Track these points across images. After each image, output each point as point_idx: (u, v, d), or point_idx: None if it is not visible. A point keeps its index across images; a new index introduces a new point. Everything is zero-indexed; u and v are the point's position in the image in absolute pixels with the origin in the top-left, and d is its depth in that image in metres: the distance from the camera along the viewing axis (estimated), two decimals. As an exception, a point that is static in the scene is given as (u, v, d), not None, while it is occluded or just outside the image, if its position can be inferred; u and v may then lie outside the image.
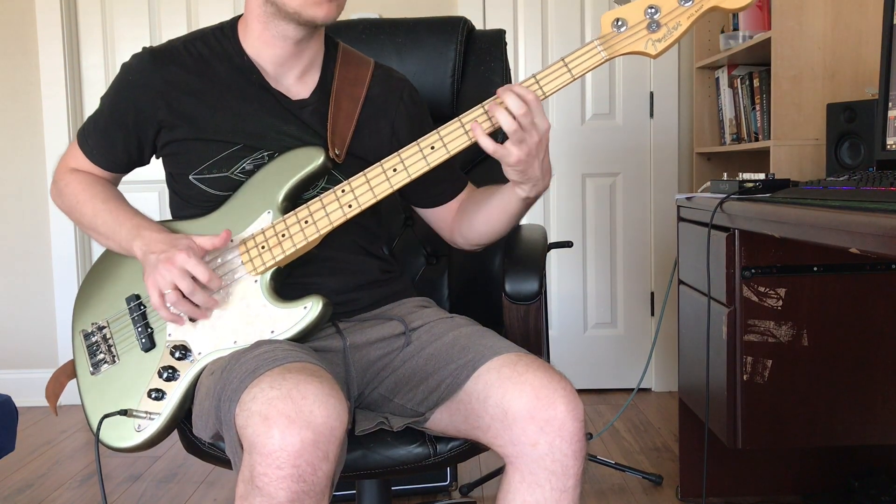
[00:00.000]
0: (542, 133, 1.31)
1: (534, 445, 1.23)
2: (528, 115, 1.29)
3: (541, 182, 1.38)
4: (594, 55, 1.31)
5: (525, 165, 1.33)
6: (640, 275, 3.51)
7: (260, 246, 1.39)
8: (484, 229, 1.53)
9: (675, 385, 3.33)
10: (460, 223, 1.57)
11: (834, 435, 1.99)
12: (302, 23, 1.39)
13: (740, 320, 1.95)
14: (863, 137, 2.07)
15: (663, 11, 1.29)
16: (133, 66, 1.47)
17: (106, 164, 1.53)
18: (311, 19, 1.38)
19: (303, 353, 1.28)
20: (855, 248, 1.29)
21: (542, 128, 1.31)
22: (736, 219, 1.87)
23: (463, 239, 1.58)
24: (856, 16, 2.41)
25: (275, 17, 1.41)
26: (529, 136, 1.30)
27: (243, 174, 1.44)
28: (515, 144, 1.31)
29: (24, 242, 3.55)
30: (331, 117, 1.47)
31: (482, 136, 1.32)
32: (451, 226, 1.59)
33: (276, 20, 1.41)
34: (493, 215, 1.49)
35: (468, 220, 1.54)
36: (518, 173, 1.35)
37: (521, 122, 1.29)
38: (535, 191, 1.39)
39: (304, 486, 1.11)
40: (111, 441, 1.41)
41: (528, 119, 1.29)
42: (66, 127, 3.48)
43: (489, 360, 1.30)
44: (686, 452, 2.35)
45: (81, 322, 1.50)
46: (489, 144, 1.32)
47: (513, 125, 1.30)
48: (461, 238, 1.58)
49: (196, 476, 2.66)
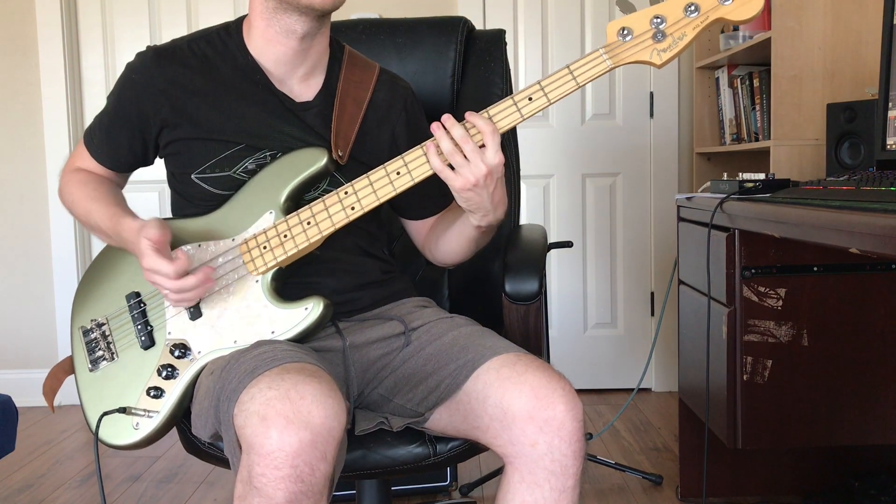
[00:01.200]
0: (491, 166, 1.30)
1: (533, 445, 1.23)
2: (469, 143, 1.29)
3: (491, 213, 1.37)
4: (599, 63, 1.31)
5: (471, 194, 1.33)
6: (640, 275, 3.51)
7: (262, 246, 1.39)
8: (446, 250, 1.55)
9: (675, 385, 3.33)
10: (430, 240, 1.59)
11: (834, 435, 1.99)
12: (303, 11, 1.39)
13: (740, 320, 1.94)
14: (863, 137, 2.07)
15: (669, 22, 1.29)
16: (137, 65, 1.47)
17: (111, 163, 1.54)
18: (309, 5, 1.37)
19: (302, 354, 1.28)
20: (855, 248, 1.29)
21: (491, 161, 1.30)
22: (736, 219, 1.87)
23: (431, 255, 1.60)
24: (856, 16, 2.41)
25: (277, 12, 1.41)
26: (474, 165, 1.30)
27: (245, 173, 1.44)
28: (458, 170, 1.31)
29: (24, 242, 3.55)
30: (335, 119, 1.47)
31: (433, 155, 1.32)
32: (423, 241, 1.62)
33: (279, 14, 1.41)
34: (452, 238, 1.52)
35: (435, 239, 1.57)
36: (464, 200, 1.35)
37: (463, 149, 1.30)
38: (485, 220, 1.39)
39: (303, 487, 1.11)
40: (109, 438, 1.41)
41: (469, 146, 1.29)
42: (66, 127, 3.48)
43: (488, 360, 1.30)
44: (686, 452, 2.35)
45: (80, 319, 1.50)
46: (437, 164, 1.32)
47: (451, 149, 1.30)
48: (430, 255, 1.61)
49: (196, 476, 2.66)
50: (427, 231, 1.60)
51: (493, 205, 1.36)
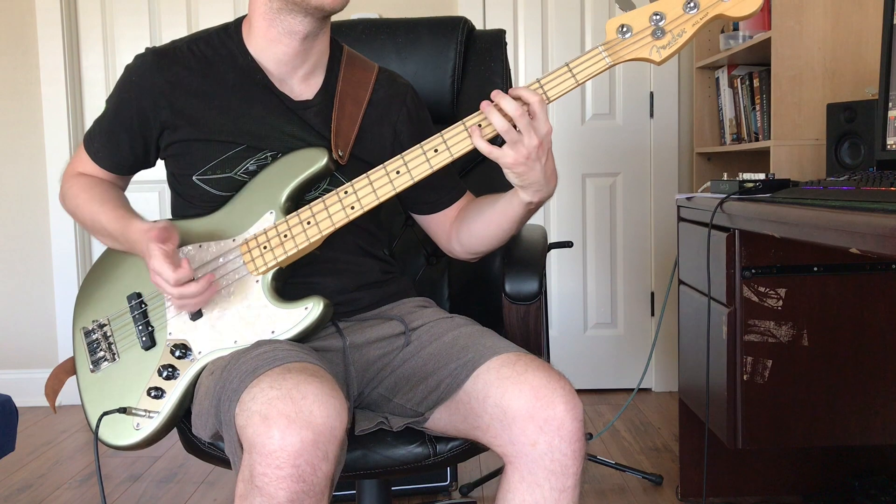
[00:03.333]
0: (542, 136, 1.30)
1: (533, 445, 1.23)
2: (524, 116, 1.28)
3: (545, 187, 1.36)
4: (599, 61, 1.31)
5: (524, 168, 1.31)
6: (640, 275, 3.51)
7: (262, 246, 1.39)
8: (484, 235, 1.51)
9: (675, 385, 3.33)
10: (458, 230, 1.55)
11: (834, 435, 1.99)
12: (310, 12, 1.38)
13: (740, 320, 1.94)
14: (863, 137, 2.07)
15: (668, 18, 1.29)
16: (136, 66, 1.47)
17: (111, 166, 1.53)
18: (318, 6, 1.37)
19: (303, 353, 1.28)
20: (855, 248, 1.29)
21: (542, 131, 1.29)
22: (736, 219, 1.87)
23: (461, 247, 1.56)
24: (856, 16, 2.41)
25: (281, 12, 1.40)
26: (527, 138, 1.29)
27: (247, 174, 1.44)
28: (510, 146, 1.30)
29: (25, 242, 3.55)
30: (335, 119, 1.47)
31: (478, 137, 1.32)
32: (448, 233, 1.58)
33: (283, 15, 1.40)
34: (493, 220, 1.48)
35: (467, 227, 1.53)
36: (517, 176, 1.34)
37: (518, 123, 1.29)
38: (538, 196, 1.37)
39: (304, 486, 1.11)
40: (110, 439, 1.41)
41: (524, 121, 1.28)
42: (66, 127, 3.48)
43: (488, 360, 1.30)
44: (686, 452, 2.35)
45: (82, 319, 1.50)
46: (483, 146, 1.31)
47: (504, 126, 1.29)
48: (459, 246, 1.57)
49: (196, 476, 2.66)
50: (450, 222, 1.57)
51: (546, 178, 1.34)
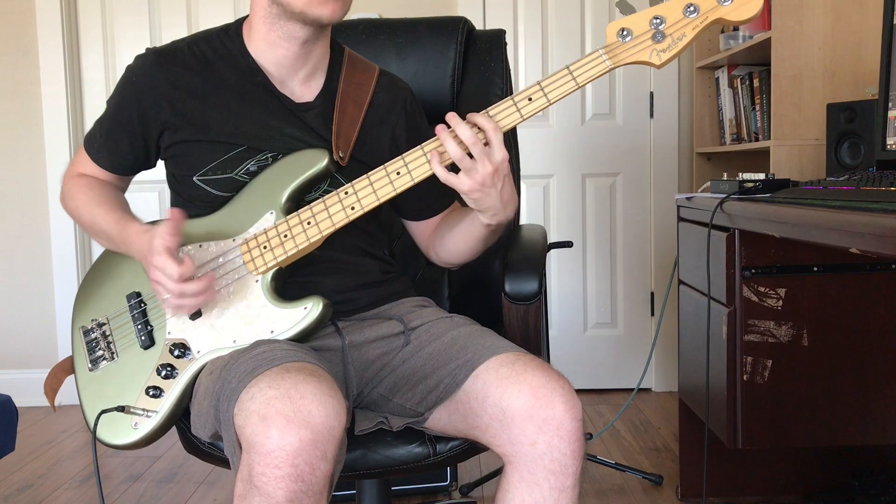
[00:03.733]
0: (497, 164, 1.31)
1: (532, 445, 1.23)
2: (478, 145, 1.30)
3: (501, 212, 1.37)
4: (599, 64, 1.31)
5: (479, 195, 1.33)
6: (640, 275, 3.51)
7: (262, 246, 1.39)
8: (454, 249, 1.54)
9: (675, 385, 3.32)
10: (434, 241, 1.58)
11: (834, 435, 1.99)
12: (308, 22, 1.39)
13: (740, 320, 1.94)
14: (863, 137, 2.07)
15: (668, 22, 1.30)
16: (137, 67, 1.47)
17: (112, 166, 1.53)
18: (316, 18, 1.37)
19: (302, 353, 1.28)
20: (855, 248, 1.29)
21: (496, 159, 1.30)
22: (736, 219, 1.87)
23: (436, 256, 1.59)
24: (856, 16, 2.41)
25: (280, 18, 1.41)
26: (481, 165, 1.30)
27: (247, 175, 1.44)
28: (465, 174, 1.31)
29: (24, 242, 3.55)
30: (336, 121, 1.47)
31: (436, 163, 1.33)
32: (427, 241, 1.61)
33: (282, 20, 1.41)
34: (460, 238, 1.51)
35: (441, 239, 1.56)
36: (473, 202, 1.35)
37: (472, 151, 1.30)
38: (495, 219, 1.39)
39: (303, 486, 1.11)
40: (108, 438, 1.41)
41: (478, 148, 1.30)
42: (66, 127, 3.48)
43: (488, 360, 1.30)
44: (686, 452, 2.35)
45: (81, 319, 1.50)
46: (441, 172, 1.32)
47: (458, 153, 1.30)
48: (434, 255, 1.60)
49: (196, 476, 2.66)
50: (430, 232, 1.60)
51: (502, 203, 1.36)
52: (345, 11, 1.40)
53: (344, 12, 1.39)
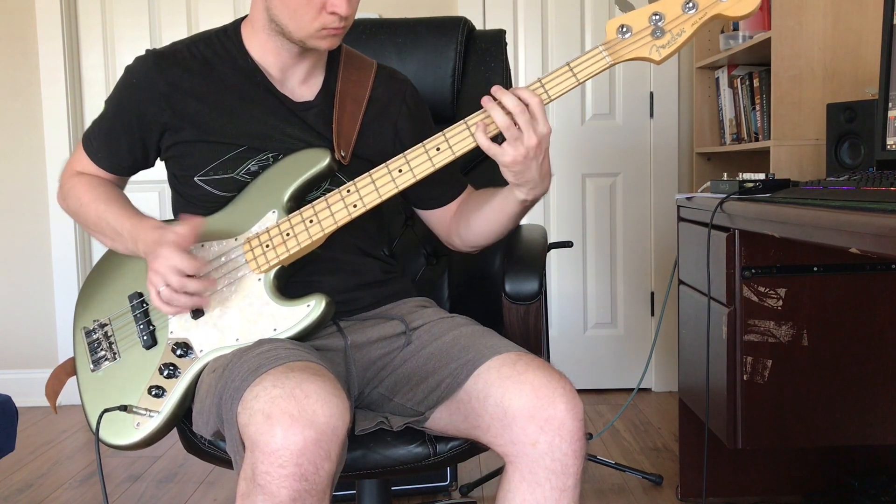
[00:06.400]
0: (542, 136, 1.31)
1: (533, 444, 1.23)
2: (525, 114, 1.29)
3: (539, 185, 1.37)
4: (599, 60, 1.32)
5: (521, 167, 1.32)
6: (640, 275, 3.51)
7: (264, 244, 1.40)
8: (482, 230, 1.53)
9: (675, 385, 3.32)
10: (458, 224, 1.57)
11: (834, 435, 1.99)
12: (306, 49, 1.43)
13: (740, 320, 1.95)
14: (863, 137, 2.07)
15: (667, 18, 1.31)
16: (136, 68, 1.47)
17: (110, 166, 1.54)
18: (314, 48, 1.42)
19: (305, 353, 1.28)
20: (855, 248, 1.29)
21: (542, 131, 1.31)
22: (736, 219, 1.87)
23: (460, 240, 1.58)
24: (856, 16, 2.41)
25: (279, 35, 1.43)
26: (526, 137, 1.30)
27: (248, 175, 1.45)
28: (510, 144, 1.31)
29: (24, 242, 3.55)
30: (336, 119, 1.47)
31: (480, 134, 1.32)
32: (448, 227, 1.60)
33: (280, 37, 1.43)
34: (491, 216, 1.50)
35: (466, 221, 1.55)
36: (514, 174, 1.35)
37: (518, 120, 1.29)
38: (532, 194, 1.39)
39: (306, 485, 1.12)
40: (110, 438, 1.40)
41: (524, 118, 1.29)
42: (66, 127, 3.47)
43: (489, 360, 1.30)
44: (686, 452, 2.35)
45: (83, 319, 1.50)
46: (485, 141, 1.32)
47: (505, 122, 1.30)
48: (458, 239, 1.58)
49: (196, 476, 2.66)
50: (451, 216, 1.59)
51: (541, 177, 1.36)
52: (342, 38, 1.43)
53: (342, 39, 1.43)
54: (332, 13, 1.35)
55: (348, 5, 1.35)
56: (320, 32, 1.38)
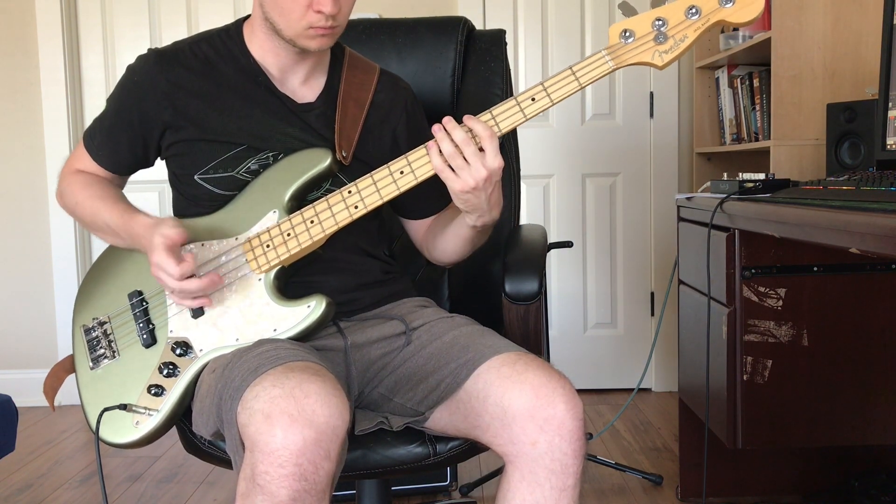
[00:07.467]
0: (492, 169, 1.31)
1: (533, 444, 1.23)
2: (470, 145, 1.30)
3: (487, 214, 1.39)
4: (602, 65, 1.32)
5: (469, 195, 1.33)
6: (640, 275, 3.51)
7: (265, 245, 1.40)
8: (443, 249, 1.55)
9: (675, 385, 3.32)
10: (427, 240, 1.60)
11: (834, 435, 1.99)
12: (297, 48, 1.42)
13: (740, 320, 1.95)
14: (863, 137, 2.07)
15: (670, 24, 1.31)
16: (138, 67, 1.48)
17: (111, 165, 1.54)
18: (304, 48, 1.41)
19: (305, 353, 1.28)
20: (855, 248, 1.29)
21: (492, 165, 1.31)
22: (736, 219, 1.87)
23: (429, 254, 1.61)
24: (856, 16, 2.41)
25: (274, 34, 1.43)
26: (475, 169, 1.30)
27: (248, 174, 1.45)
28: (458, 172, 1.31)
29: (24, 242, 3.55)
30: (338, 120, 1.48)
31: (435, 155, 1.33)
32: (422, 240, 1.63)
33: (276, 36, 1.43)
34: (448, 238, 1.52)
35: (433, 238, 1.57)
36: (462, 202, 1.36)
37: (465, 152, 1.30)
38: (481, 220, 1.40)
39: (306, 485, 1.12)
40: (109, 436, 1.41)
41: (470, 150, 1.30)
42: (66, 127, 3.47)
43: (489, 360, 1.31)
44: (686, 452, 2.35)
45: (82, 317, 1.50)
46: (438, 163, 1.33)
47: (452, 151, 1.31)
48: (427, 253, 1.62)
49: (196, 476, 2.66)
50: (425, 230, 1.61)
51: (489, 206, 1.37)
52: (334, 41, 1.43)
53: (334, 41, 1.43)
54: (317, 11, 1.35)
55: (333, 4, 1.35)
56: (308, 32, 1.38)
